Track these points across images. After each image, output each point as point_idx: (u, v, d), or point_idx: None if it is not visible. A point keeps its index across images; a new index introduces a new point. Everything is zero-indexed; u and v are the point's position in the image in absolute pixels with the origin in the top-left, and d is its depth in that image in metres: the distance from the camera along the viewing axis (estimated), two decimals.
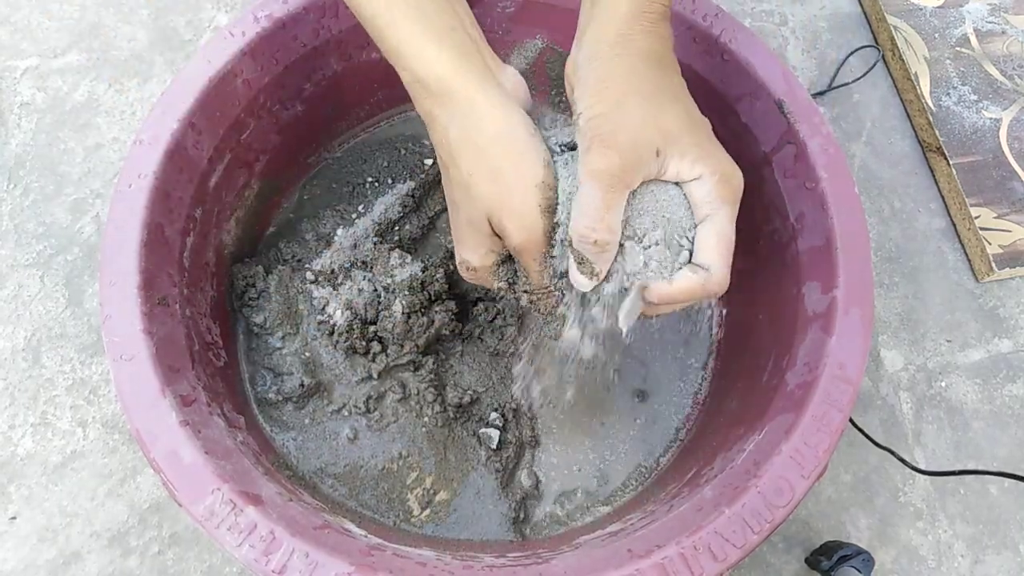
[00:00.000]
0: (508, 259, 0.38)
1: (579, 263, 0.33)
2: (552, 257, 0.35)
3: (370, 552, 0.34)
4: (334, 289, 0.49)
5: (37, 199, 0.57)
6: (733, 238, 0.35)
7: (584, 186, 0.32)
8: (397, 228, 0.53)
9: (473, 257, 0.37)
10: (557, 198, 0.35)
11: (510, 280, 0.38)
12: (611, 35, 0.35)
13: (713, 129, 0.36)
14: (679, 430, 0.49)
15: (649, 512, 0.40)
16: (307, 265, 0.50)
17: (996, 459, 0.55)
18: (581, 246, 0.33)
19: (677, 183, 0.34)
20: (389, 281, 0.48)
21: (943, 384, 0.57)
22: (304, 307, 0.48)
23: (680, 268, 0.34)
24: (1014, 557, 0.52)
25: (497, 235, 0.36)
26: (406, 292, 0.47)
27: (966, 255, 0.61)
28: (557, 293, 0.36)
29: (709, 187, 0.34)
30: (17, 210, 0.57)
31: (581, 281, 0.34)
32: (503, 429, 0.47)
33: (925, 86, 0.65)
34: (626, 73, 0.34)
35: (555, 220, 0.35)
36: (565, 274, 0.35)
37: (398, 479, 0.46)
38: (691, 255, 0.34)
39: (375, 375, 0.47)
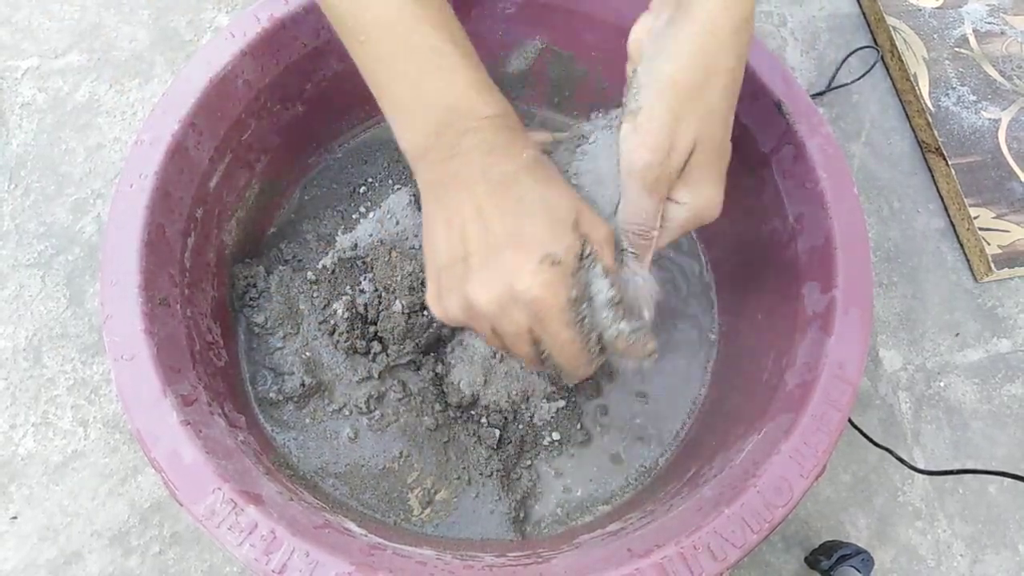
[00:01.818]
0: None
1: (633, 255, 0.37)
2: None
3: (370, 551, 0.34)
4: (334, 289, 0.49)
5: (38, 199, 0.58)
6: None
7: (643, 194, 0.35)
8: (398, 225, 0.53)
9: (560, 247, 0.33)
10: None
11: (583, 293, 0.35)
12: (707, 33, 0.33)
13: None
14: (679, 430, 0.50)
15: (649, 512, 0.40)
16: (308, 265, 0.50)
17: (995, 459, 0.55)
18: (637, 240, 0.36)
19: None
20: (389, 281, 0.48)
21: (942, 384, 0.57)
22: (305, 307, 0.48)
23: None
24: (1013, 556, 0.52)
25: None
26: (406, 292, 0.47)
27: (965, 255, 0.61)
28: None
29: (683, 215, 0.36)
30: (18, 210, 0.57)
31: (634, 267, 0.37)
32: (503, 428, 0.47)
33: (924, 87, 0.65)
34: (704, 83, 0.33)
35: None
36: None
37: (399, 478, 0.46)
38: None
39: (376, 375, 0.47)
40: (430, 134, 0.35)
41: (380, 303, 0.48)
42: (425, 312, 0.48)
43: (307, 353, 0.48)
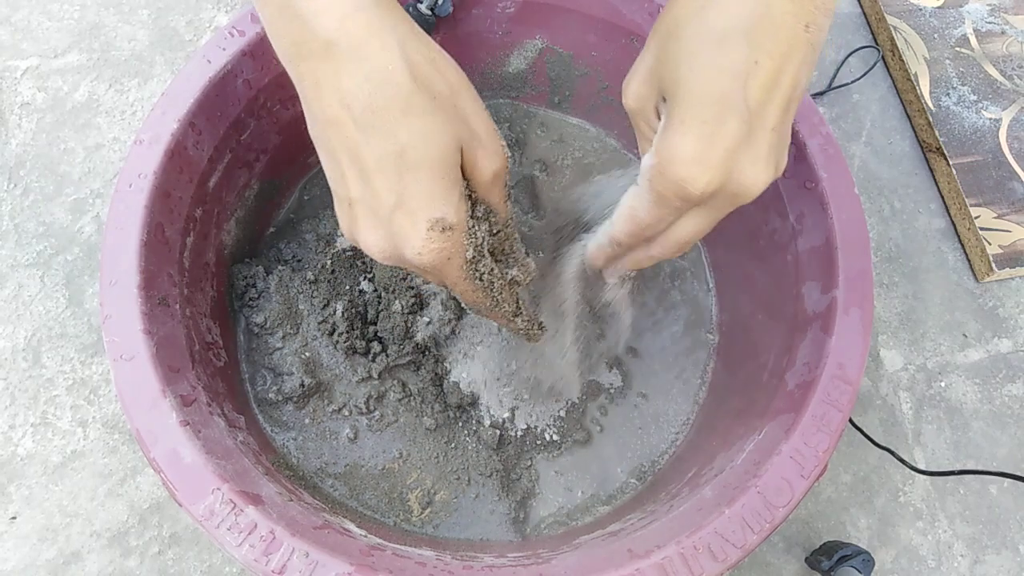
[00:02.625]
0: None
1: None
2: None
3: (370, 552, 0.34)
4: (334, 289, 0.49)
5: (37, 199, 0.58)
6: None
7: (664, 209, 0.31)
8: None
9: (450, 209, 0.30)
10: None
11: (480, 248, 0.33)
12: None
13: None
14: (679, 430, 0.50)
15: (649, 512, 0.40)
16: (307, 265, 0.50)
17: (995, 459, 0.55)
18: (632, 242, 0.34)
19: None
20: (389, 281, 0.48)
21: (943, 384, 0.57)
22: (304, 307, 0.48)
23: None
24: (1014, 557, 0.52)
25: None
26: (406, 292, 0.47)
27: (966, 255, 0.61)
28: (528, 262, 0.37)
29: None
30: (17, 210, 0.57)
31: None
32: (503, 428, 0.47)
33: (925, 86, 0.65)
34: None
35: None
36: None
37: (398, 479, 0.46)
38: None
39: (375, 375, 0.47)
40: (276, 15, 0.30)
41: (380, 303, 0.48)
42: (423, 313, 0.48)
43: (307, 353, 0.47)
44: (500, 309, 0.36)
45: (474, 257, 0.33)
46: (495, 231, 0.34)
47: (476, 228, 0.33)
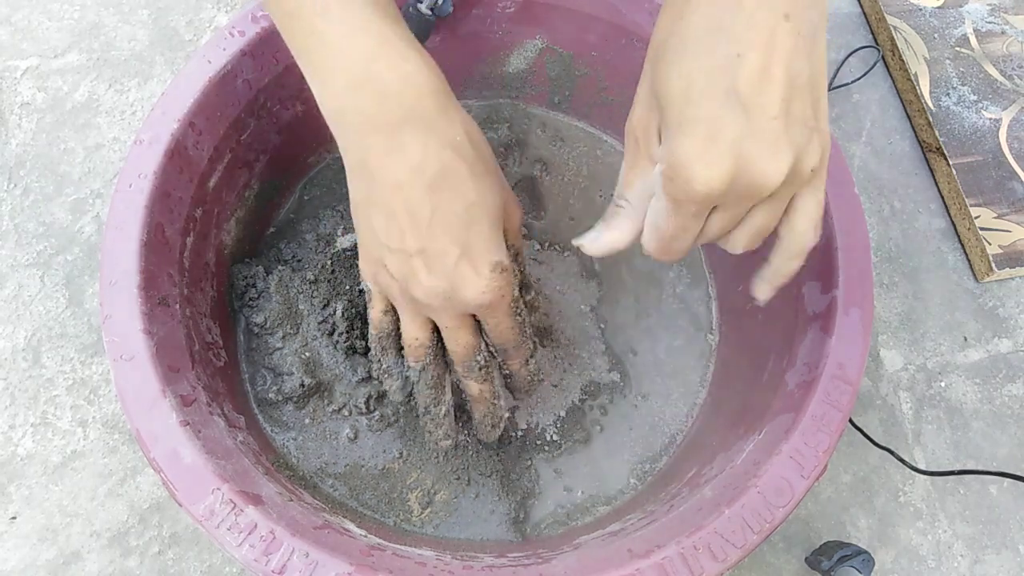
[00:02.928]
0: None
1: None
2: None
3: (370, 552, 0.34)
4: (334, 289, 0.49)
5: (37, 199, 0.58)
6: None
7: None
8: None
9: (503, 254, 0.36)
10: None
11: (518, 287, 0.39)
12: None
13: None
14: (679, 430, 0.50)
15: (649, 512, 0.40)
16: (307, 265, 0.50)
17: (996, 459, 0.55)
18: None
19: None
20: None
21: (943, 384, 0.57)
22: (304, 307, 0.48)
23: None
24: (1014, 557, 0.52)
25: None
26: None
27: (966, 255, 0.61)
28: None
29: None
30: (17, 210, 0.57)
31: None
32: (503, 428, 0.47)
33: (925, 86, 0.65)
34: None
35: None
36: None
37: (399, 479, 0.46)
38: None
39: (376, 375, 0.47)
40: (346, 91, 0.33)
41: None
42: None
43: (306, 353, 0.47)
44: (525, 347, 0.41)
45: (517, 296, 0.38)
46: (519, 268, 0.40)
47: (516, 269, 0.38)
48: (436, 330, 0.39)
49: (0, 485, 0.49)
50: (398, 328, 0.40)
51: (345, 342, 0.47)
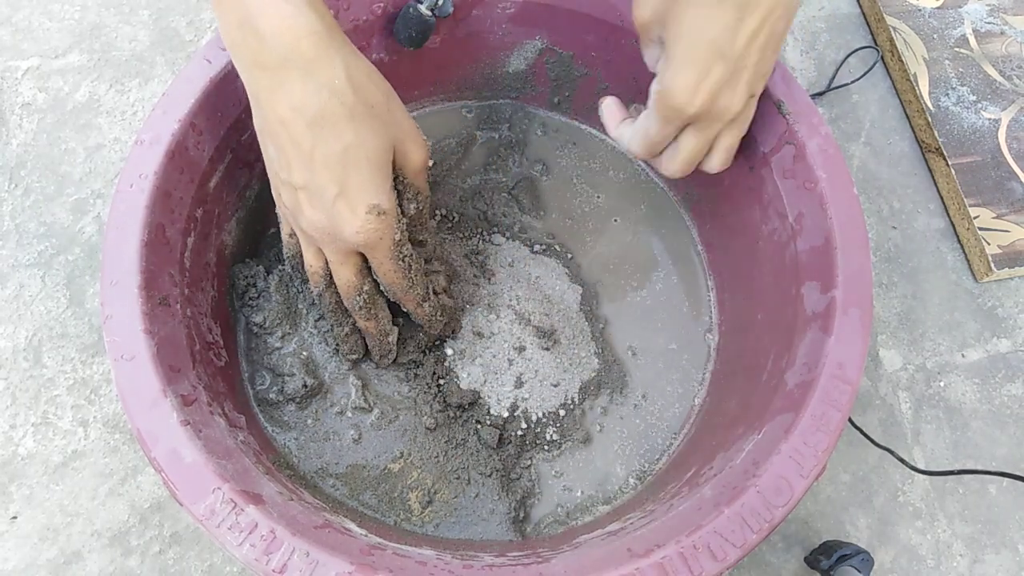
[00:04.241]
0: None
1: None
2: None
3: (370, 551, 0.34)
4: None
5: (38, 199, 0.58)
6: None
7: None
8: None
9: (384, 197, 0.38)
10: None
11: (404, 232, 0.40)
12: None
13: None
14: (679, 430, 0.50)
15: (649, 511, 0.40)
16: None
17: (995, 459, 0.55)
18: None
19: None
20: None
21: (942, 384, 0.57)
22: (304, 307, 0.48)
23: None
24: (1013, 556, 0.52)
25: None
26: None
27: (965, 255, 0.61)
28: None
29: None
30: (18, 210, 0.57)
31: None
32: (503, 428, 0.47)
33: (924, 87, 0.65)
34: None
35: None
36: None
37: (399, 478, 0.46)
38: None
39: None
40: (234, 29, 0.35)
41: None
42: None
43: (304, 353, 0.48)
44: (413, 291, 0.43)
45: (399, 240, 0.40)
46: (419, 209, 0.42)
47: (402, 216, 0.40)
48: None
49: (1, 485, 0.49)
50: None
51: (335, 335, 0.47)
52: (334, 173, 0.36)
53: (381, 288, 0.43)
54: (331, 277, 0.42)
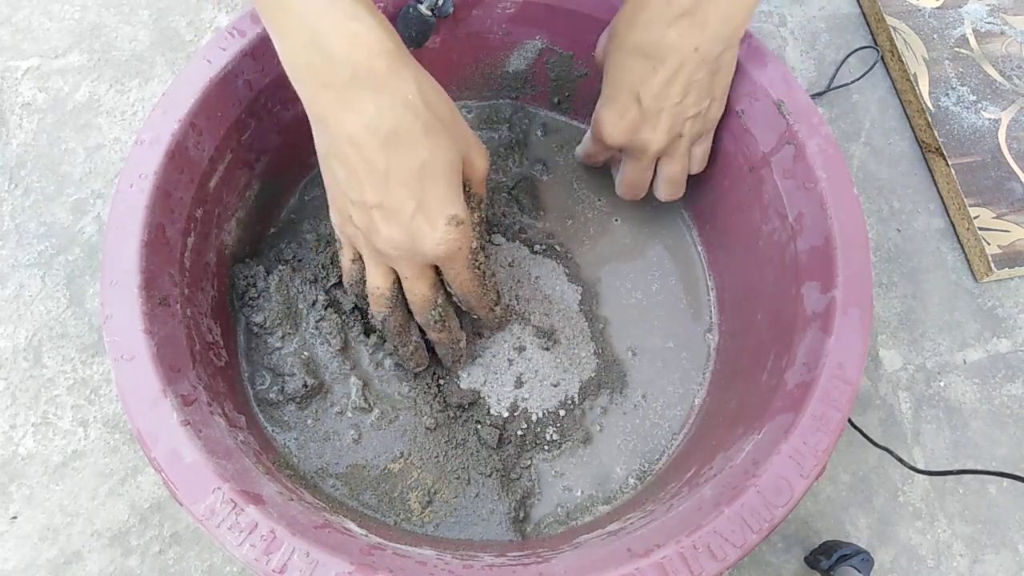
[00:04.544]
0: None
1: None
2: None
3: (370, 551, 0.34)
4: (334, 287, 0.49)
5: (38, 199, 0.58)
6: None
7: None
8: None
9: (460, 208, 0.37)
10: None
11: (480, 240, 0.41)
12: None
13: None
14: (678, 430, 0.50)
15: (649, 511, 0.40)
16: (307, 265, 0.50)
17: (995, 459, 0.55)
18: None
19: None
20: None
21: (942, 384, 0.57)
22: (304, 307, 0.48)
23: None
24: (1013, 556, 0.52)
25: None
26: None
27: (965, 255, 0.61)
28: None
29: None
30: (18, 210, 0.57)
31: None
32: (503, 428, 0.47)
33: (924, 87, 0.65)
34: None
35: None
36: None
37: (399, 479, 0.46)
38: None
39: None
40: (298, 50, 0.35)
41: None
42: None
43: (305, 353, 0.48)
44: (487, 297, 0.43)
45: (475, 248, 0.40)
46: (482, 216, 0.42)
47: (476, 223, 0.41)
48: (399, 280, 0.41)
49: (1, 485, 0.49)
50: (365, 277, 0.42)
51: (336, 335, 0.47)
52: (411, 189, 0.36)
53: (453, 298, 0.43)
54: (397, 299, 0.42)
